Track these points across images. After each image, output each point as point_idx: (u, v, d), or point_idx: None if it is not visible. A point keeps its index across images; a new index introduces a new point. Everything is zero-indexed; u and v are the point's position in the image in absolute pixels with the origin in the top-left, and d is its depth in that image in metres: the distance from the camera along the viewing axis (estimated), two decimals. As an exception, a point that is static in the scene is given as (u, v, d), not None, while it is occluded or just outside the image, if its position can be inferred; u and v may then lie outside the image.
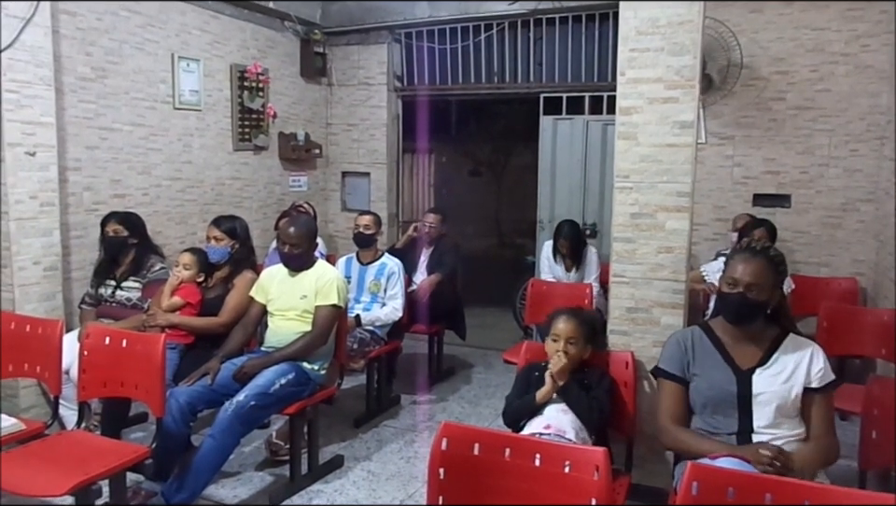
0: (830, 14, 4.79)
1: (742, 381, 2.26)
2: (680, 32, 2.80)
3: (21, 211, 3.68)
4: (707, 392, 2.31)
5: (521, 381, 2.77)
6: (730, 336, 2.35)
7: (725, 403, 2.27)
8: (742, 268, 2.25)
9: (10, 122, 3.59)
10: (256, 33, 5.65)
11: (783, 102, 4.98)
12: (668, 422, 2.35)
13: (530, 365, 2.82)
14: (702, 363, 2.35)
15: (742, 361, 2.30)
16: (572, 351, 2.64)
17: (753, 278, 2.22)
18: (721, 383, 2.28)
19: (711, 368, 2.32)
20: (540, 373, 2.69)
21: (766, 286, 2.23)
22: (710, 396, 2.30)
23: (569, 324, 2.68)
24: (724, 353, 2.33)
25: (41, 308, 3.77)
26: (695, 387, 2.34)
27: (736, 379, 2.27)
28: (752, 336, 2.32)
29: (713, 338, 2.37)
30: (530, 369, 2.79)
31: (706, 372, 2.33)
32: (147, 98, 4.71)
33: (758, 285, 2.22)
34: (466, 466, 1.95)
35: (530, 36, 5.84)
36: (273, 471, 3.48)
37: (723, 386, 2.27)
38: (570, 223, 5.01)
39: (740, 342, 2.33)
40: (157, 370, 2.74)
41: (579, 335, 2.66)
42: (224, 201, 5.43)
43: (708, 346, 2.36)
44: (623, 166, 2.96)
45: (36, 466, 2.50)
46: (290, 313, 3.39)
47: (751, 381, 2.25)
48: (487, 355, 5.63)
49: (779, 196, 5.07)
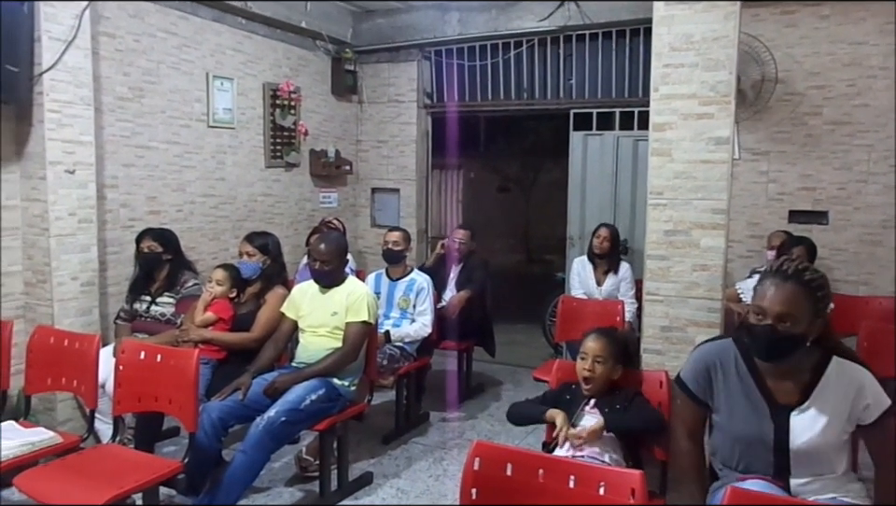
0: (867, 28, 4.71)
1: (779, 421, 1.99)
2: (715, 47, 2.78)
3: (61, 228, 3.76)
4: (739, 431, 2.05)
5: (547, 399, 2.74)
6: (767, 366, 2.04)
7: (761, 446, 2.01)
8: (771, 295, 1.92)
9: (52, 141, 3.68)
10: (288, 52, 5.73)
11: (819, 117, 4.90)
12: (688, 443, 2.14)
13: (564, 386, 2.78)
14: (733, 394, 2.06)
15: (779, 394, 2.01)
16: (599, 369, 2.61)
17: (785, 308, 1.90)
18: (755, 421, 2.01)
19: (743, 399, 2.04)
20: (571, 397, 2.66)
21: (802, 316, 1.91)
22: (743, 436, 2.04)
23: (598, 342, 2.65)
24: (760, 382, 2.03)
25: (78, 323, 3.83)
26: (725, 419, 2.08)
27: (772, 415, 2.00)
28: (791, 369, 2.02)
29: (749, 364, 2.06)
30: (562, 390, 2.75)
31: (737, 405, 2.05)
32: (182, 116, 4.80)
33: (791, 315, 1.90)
34: (499, 486, 1.92)
35: (560, 53, 5.84)
36: (303, 487, 3.48)
37: (759, 426, 2.00)
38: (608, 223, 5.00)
39: (778, 374, 2.03)
40: (190, 385, 2.76)
41: (607, 354, 2.63)
42: (256, 217, 5.50)
43: (743, 371, 2.07)
44: (656, 183, 2.93)
45: (73, 479, 2.52)
46: (321, 329, 3.40)
47: (789, 422, 1.99)
48: (517, 372, 5.59)
49: (816, 213, 4.97)
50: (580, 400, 2.66)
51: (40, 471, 2.62)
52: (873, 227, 4.80)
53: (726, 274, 2.93)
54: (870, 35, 4.71)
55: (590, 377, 2.62)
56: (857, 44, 4.75)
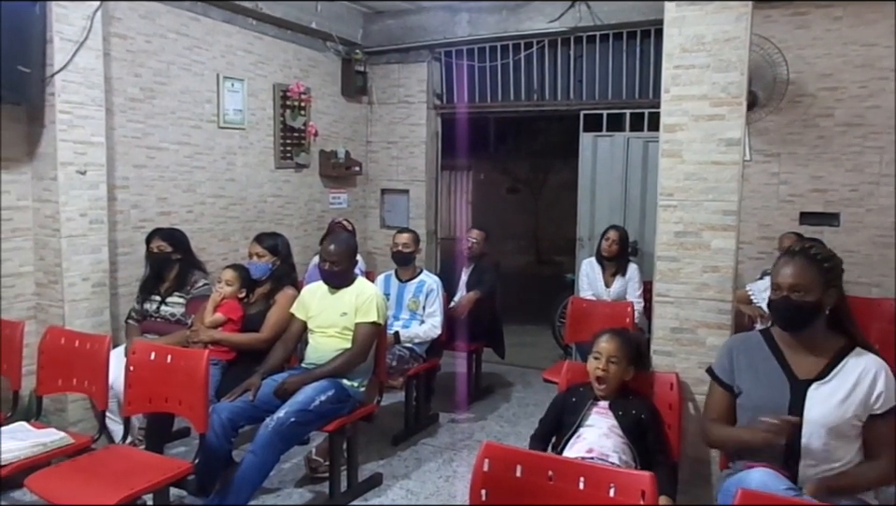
0: (879, 30, 4.68)
1: (796, 392, 2.15)
2: (727, 49, 2.76)
3: (72, 228, 3.78)
4: (757, 401, 2.22)
5: (556, 405, 2.74)
6: (788, 344, 2.24)
7: (775, 415, 2.14)
8: (783, 271, 2.17)
9: (63, 142, 3.70)
10: (298, 53, 5.75)
11: (831, 118, 4.87)
12: (711, 421, 2.33)
13: (571, 388, 2.77)
14: (756, 370, 2.26)
15: (800, 371, 2.19)
16: (613, 370, 2.61)
17: (794, 279, 2.13)
18: (774, 393, 2.18)
19: (765, 376, 2.23)
20: (578, 398, 2.66)
21: (812, 285, 2.12)
22: (760, 405, 2.19)
23: (612, 343, 2.64)
24: (782, 360, 2.23)
25: (89, 323, 3.85)
26: (746, 396, 2.27)
27: (791, 389, 2.16)
28: (813, 345, 2.20)
29: (772, 345, 2.27)
30: (570, 392, 2.75)
31: (759, 379, 2.24)
32: (192, 117, 4.82)
33: (801, 285, 2.12)
34: (508, 488, 1.92)
35: (570, 54, 5.83)
36: (313, 488, 3.48)
37: (775, 397, 2.17)
38: (617, 226, 4.98)
39: (800, 351, 2.22)
40: (200, 386, 2.77)
41: (621, 355, 2.62)
42: (266, 218, 5.51)
43: (766, 353, 2.27)
44: (667, 184, 2.91)
45: (84, 480, 2.54)
46: (330, 330, 3.40)
47: (806, 394, 2.14)
48: (526, 373, 5.58)
49: (827, 214, 4.94)
50: (586, 401, 2.65)
51: (51, 472, 2.63)
52: (885, 229, 4.77)
53: (737, 275, 2.91)
54: (882, 36, 4.68)
55: (604, 377, 2.61)
56: (869, 45, 4.72)
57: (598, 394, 2.64)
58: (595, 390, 2.65)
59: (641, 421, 2.56)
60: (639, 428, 2.55)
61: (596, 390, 2.64)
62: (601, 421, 2.58)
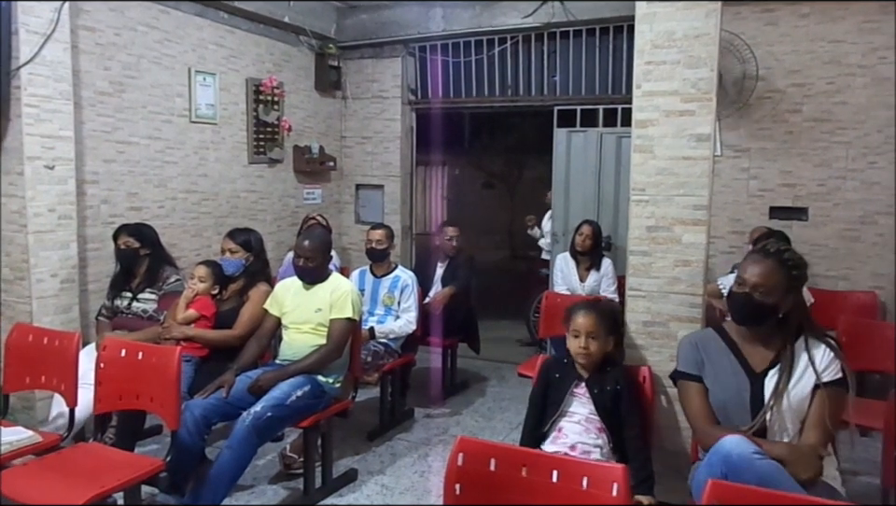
0: (846, 26, 4.76)
1: (755, 383, 2.23)
2: (697, 45, 2.80)
3: (40, 224, 3.72)
4: (720, 395, 2.29)
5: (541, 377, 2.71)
6: (742, 338, 2.32)
7: (739, 407, 2.24)
8: (751, 269, 2.23)
9: (30, 136, 3.64)
10: (271, 47, 5.70)
11: (799, 114, 4.96)
12: (705, 424, 2.29)
13: (552, 361, 2.76)
14: (715, 365, 2.32)
15: (755, 363, 2.27)
16: (594, 346, 2.58)
17: (760, 279, 2.19)
18: (734, 386, 2.25)
19: (724, 370, 2.30)
20: (561, 374, 2.63)
21: (775, 288, 2.19)
22: (724, 399, 2.27)
23: (588, 317, 2.60)
24: (738, 354, 2.30)
25: (58, 320, 3.79)
26: (710, 392, 2.32)
27: (750, 382, 2.24)
28: (764, 338, 2.28)
29: (727, 340, 2.35)
30: (551, 367, 2.71)
31: (718, 374, 2.30)
32: (163, 112, 4.76)
33: (765, 286, 2.19)
34: (482, 482, 1.93)
35: (544, 49, 5.85)
36: (287, 485, 3.47)
37: (737, 390, 2.25)
38: (590, 220, 5.00)
39: (752, 343, 2.30)
40: (172, 383, 2.74)
41: (599, 329, 2.59)
42: (239, 213, 5.46)
43: (722, 347, 2.34)
44: (638, 179, 2.95)
45: (53, 479, 2.50)
46: (305, 326, 3.39)
47: (764, 384, 2.22)
48: (501, 368, 5.61)
49: (796, 209, 5.03)
50: (570, 376, 2.63)
51: (19, 471, 2.59)
52: (851, 223, 4.87)
53: (708, 269, 2.96)
54: (849, 33, 4.76)
55: (586, 354, 2.58)
56: (836, 42, 4.80)
57: (581, 372, 2.62)
58: (577, 368, 2.63)
59: (617, 392, 2.55)
60: (614, 401, 2.55)
61: (580, 369, 2.62)
62: (580, 408, 2.58)
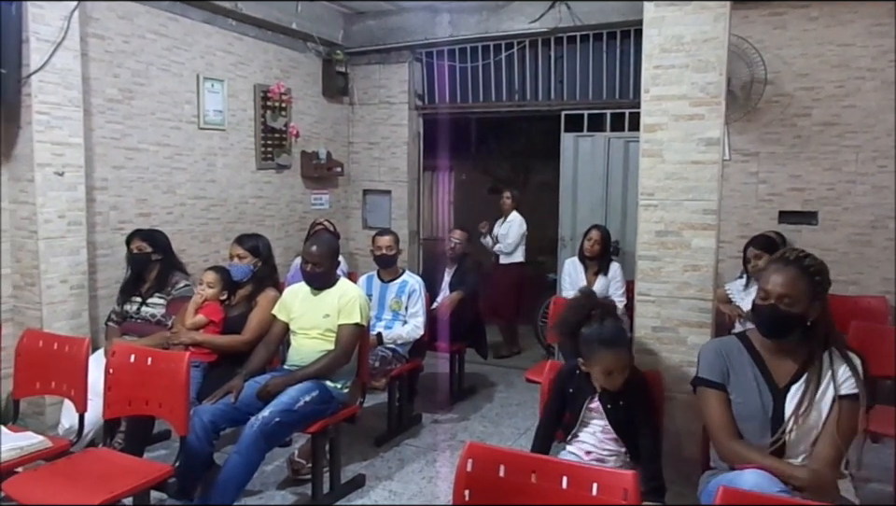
0: (855, 29, 4.74)
1: (777, 398, 2.16)
2: (705, 49, 2.79)
3: (50, 230, 3.74)
4: (741, 409, 2.20)
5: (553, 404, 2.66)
6: (767, 349, 2.24)
7: (759, 422, 2.17)
8: (774, 278, 2.14)
9: (40, 143, 3.66)
10: (279, 53, 5.72)
11: (808, 118, 4.94)
12: (728, 438, 2.19)
13: (565, 374, 2.69)
14: (738, 376, 2.24)
15: (779, 377, 2.19)
16: (619, 379, 2.44)
17: (784, 288, 2.10)
18: (757, 401, 2.18)
19: (747, 383, 2.22)
20: (575, 389, 2.60)
21: (801, 296, 2.10)
22: (745, 414, 2.20)
23: (614, 357, 2.42)
24: (762, 367, 2.22)
25: (67, 326, 3.81)
26: (732, 403, 2.23)
27: (773, 397, 2.17)
28: (789, 350, 2.20)
29: (751, 351, 2.26)
30: (564, 380, 2.66)
31: (742, 387, 2.22)
32: (172, 118, 4.78)
33: (790, 295, 2.10)
34: (491, 488, 1.92)
35: (551, 54, 5.86)
36: (295, 490, 3.46)
37: (759, 405, 2.17)
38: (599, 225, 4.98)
39: (777, 355, 2.21)
40: (181, 388, 2.75)
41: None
42: (247, 219, 5.48)
43: (746, 359, 2.25)
44: (647, 184, 2.93)
45: (62, 484, 2.50)
46: (313, 331, 3.39)
47: (786, 399, 2.15)
48: (509, 373, 5.59)
49: (806, 213, 5.00)
50: (585, 391, 2.58)
51: (29, 476, 2.60)
52: (861, 227, 4.84)
53: (717, 274, 2.94)
54: (858, 36, 4.74)
55: (612, 387, 2.50)
56: (845, 45, 4.79)
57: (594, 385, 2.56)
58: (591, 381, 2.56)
59: (629, 403, 2.51)
60: (627, 412, 2.51)
61: (593, 381, 2.56)
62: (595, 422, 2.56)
